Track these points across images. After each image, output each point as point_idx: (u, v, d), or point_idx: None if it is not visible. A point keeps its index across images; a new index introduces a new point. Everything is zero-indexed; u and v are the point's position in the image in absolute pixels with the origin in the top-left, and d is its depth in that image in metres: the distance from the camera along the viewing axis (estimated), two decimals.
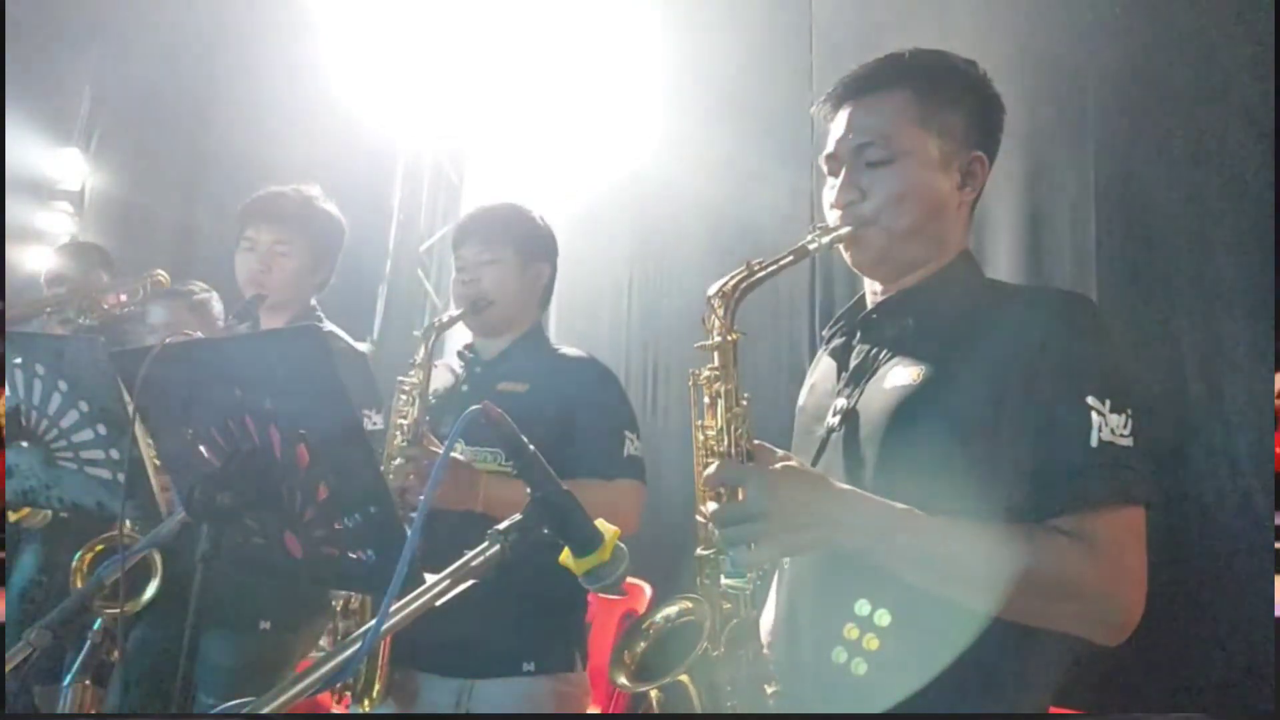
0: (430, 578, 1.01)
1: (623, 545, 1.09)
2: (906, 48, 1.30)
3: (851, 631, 1.20)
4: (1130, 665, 1.94)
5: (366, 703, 1.85)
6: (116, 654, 1.71)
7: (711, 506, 1.12)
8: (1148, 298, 2.08)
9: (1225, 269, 1.96)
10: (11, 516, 2.56)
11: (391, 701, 1.89)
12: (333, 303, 2.39)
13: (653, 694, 1.23)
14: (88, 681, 1.57)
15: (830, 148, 1.32)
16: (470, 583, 1.01)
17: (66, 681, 1.56)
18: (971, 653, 1.12)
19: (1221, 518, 1.90)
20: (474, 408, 1.04)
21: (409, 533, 0.99)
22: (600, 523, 1.08)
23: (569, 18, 4.39)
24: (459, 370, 2.16)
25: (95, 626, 1.69)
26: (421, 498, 1.70)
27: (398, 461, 1.86)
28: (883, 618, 1.19)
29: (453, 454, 1.79)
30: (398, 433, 1.94)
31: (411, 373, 1.99)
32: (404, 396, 1.97)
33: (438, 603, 0.99)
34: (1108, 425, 1.08)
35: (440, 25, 4.93)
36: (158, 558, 2.09)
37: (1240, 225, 1.94)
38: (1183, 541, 1.92)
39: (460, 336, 2.40)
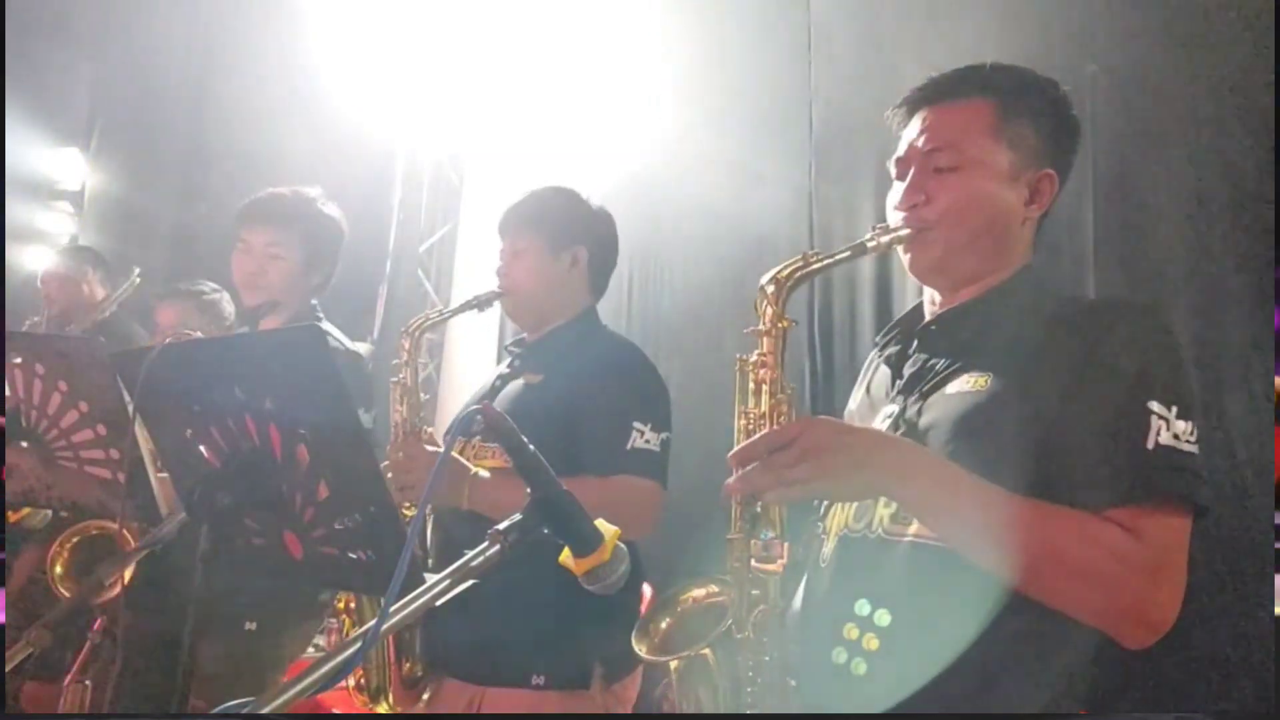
0: (430, 578, 1.01)
1: (623, 546, 1.09)
2: (987, 60, 1.29)
3: (851, 631, 1.20)
4: (1130, 665, 1.94)
5: (385, 704, 1.84)
6: (117, 652, 1.72)
7: (757, 465, 1.08)
8: (1144, 295, 2.08)
9: (1224, 268, 1.96)
10: (11, 516, 2.56)
11: (419, 702, 1.88)
12: (333, 303, 2.39)
13: (672, 665, 1.23)
14: (87, 681, 1.57)
15: (901, 150, 1.32)
16: (470, 583, 1.01)
17: (66, 681, 1.57)
18: (972, 653, 1.12)
19: (1221, 517, 1.89)
20: (472, 407, 1.04)
21: (409, 533, 0.99)
22: (600, 523, 1.08)
23: (568, 18, 4.39)
24: (503, 365, 2.10)
25: (95, 626, 1.70)
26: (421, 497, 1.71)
27: (385, 463, 1.85)
28: (883, 618, 1.19)
29: (454, 450, 1.80)
30: (398, 433, 1.94)
31: (401, 373, 1.97)
32: (396, 395, 1.96)
33: (437, 603, 0.99)
34: (1169, 430, 1.08)
35: (440, 25, 4.93)
36: (132, 541, 2.10)
37: (1239, 224, 1.94)
38: None
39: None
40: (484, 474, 1.77)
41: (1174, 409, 1.09)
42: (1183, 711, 1.88)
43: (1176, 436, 1.08)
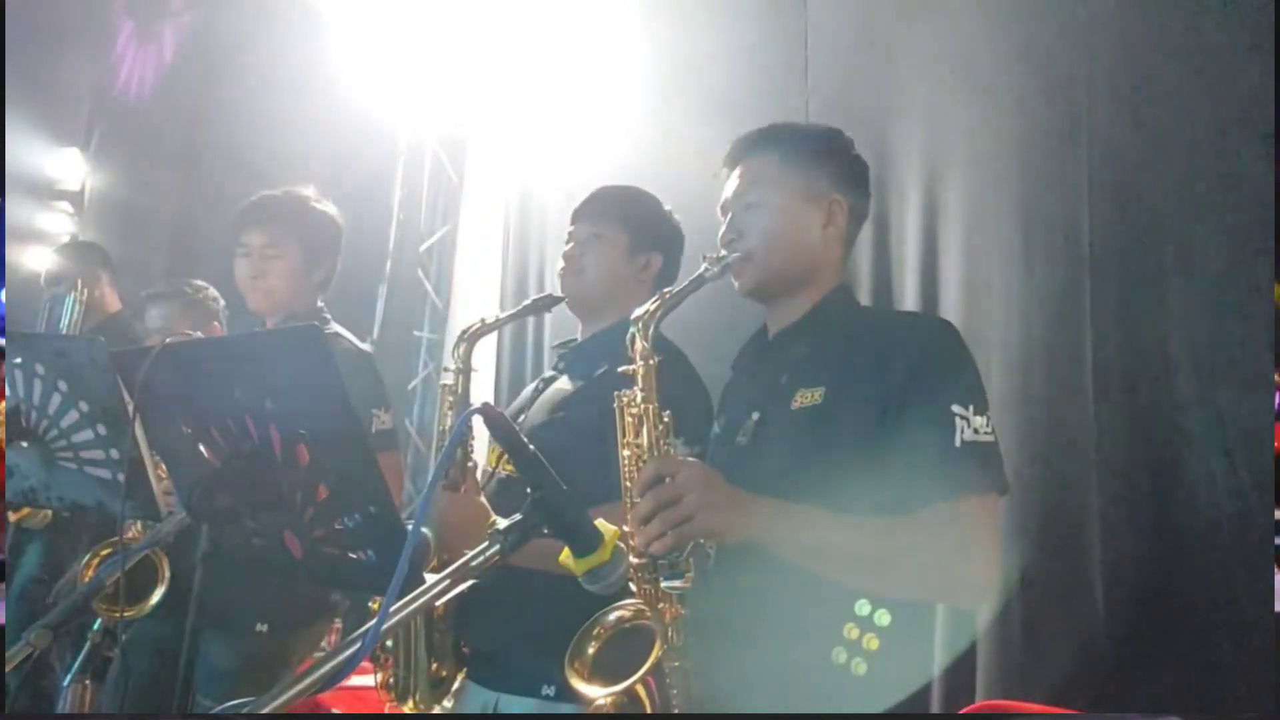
0: (430, 578, 1.02)
1: (623, 546, 1.09)
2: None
3: (851, 631, 1.23)
4: (1129, 665, 1.94)
5: (411, 704, 1.83)
6: (116, 652, 1.72)
7: (641, 502, 1.24)
8: (1142, 296, 2.08)
9: (1222, 267, 1.96)
10: (11, 516, 2.57)
11: (446, 702, 1.87)
12: (333, 303, 2.39)
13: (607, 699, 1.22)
14: (88, 681, 1.57)
15: (722, 198, 1.55)
16: (470, 583, 1.01)
17: (66, 681, 1.57)
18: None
19: (1220, 517, 1.89)
20: (472, 408, 1.05)
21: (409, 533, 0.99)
22: (600, 523, 1.08)
23: (567, 18, 4.39)
24: (549, 369, 2.05)
25: (95, 626, 1.70)
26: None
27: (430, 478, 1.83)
28: (883, 618, 1.23)
29: (475, 498, 1.78)
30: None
31: (448, 377, 1.89)
32: (448, 400, 1.88)
33: (438, 603, 0.99)
34: (971, 427, 1.25)
35: (440, 25, 4.93)
36: (165, 563, 2.09)
37: (1238, 223, 1.94)
38: (1181, 541, 1.92)
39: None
40: (502, 521, 1.74)
41: (971, 408, 1.26)
42: (1182, 711, 1.88)
43: (977, 431, 1.25)
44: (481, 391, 2.25)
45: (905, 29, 2.73)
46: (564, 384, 1.92)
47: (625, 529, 1.26)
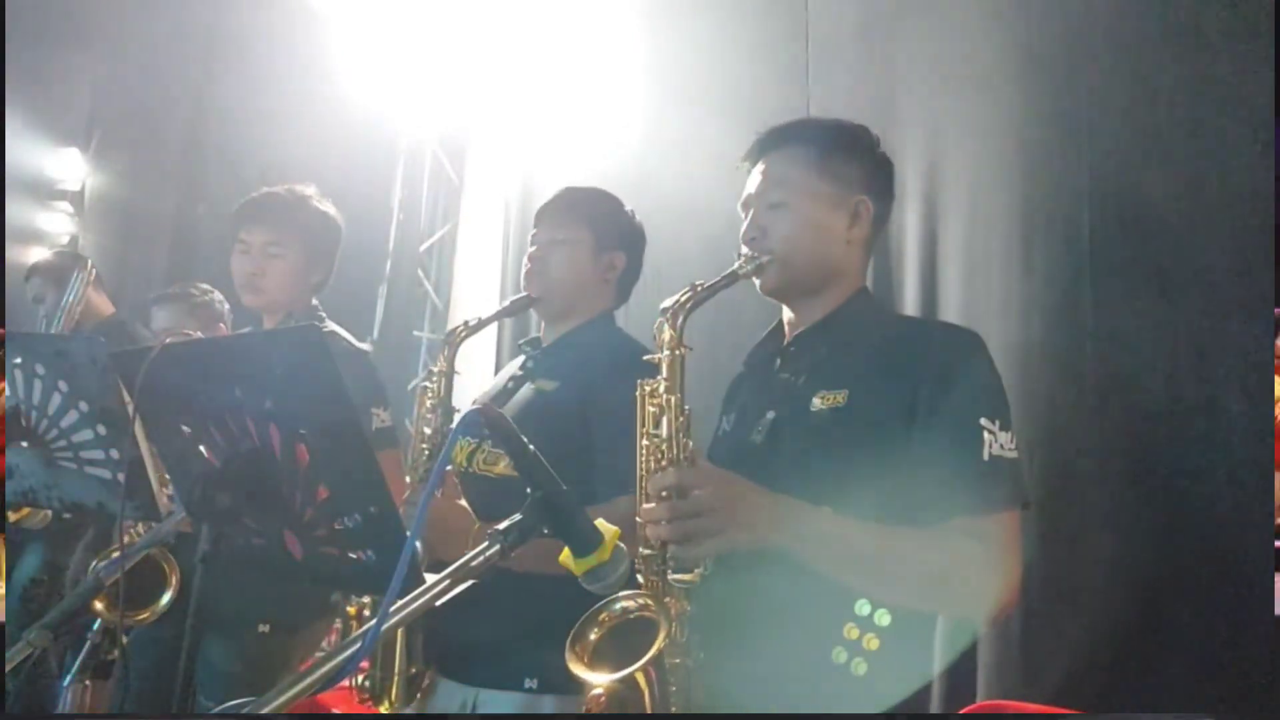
0: (430, 578, 1.02)
1: (623, 545, 1.09)
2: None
3: (851, 631, 1.23)
4: (1130, 665, 1.94)
5: (386, 704, 1.83)
6: (117, 653, 1.72)
7: (655, 507, 1.21)
8: (1143, 295, 2.07)
9: (1222, 266, 1.96)
10: (11, 516, 2.57)
11: (414, 702, 1.87)
12: (333, 303, 2.39)
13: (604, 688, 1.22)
14: (87, 681, 1.57)
15: (745, 194, 1.53)
16: (470, 583, 1.01)
17: (66, 681, 1.57)
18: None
19: (1220, 517, 1.89)
20: (472, 409, 1.05)
21: (409, 533, 0.99)
22: (600, 522, 1.08)
23: (567, 21, 4.39)
24: (516, 366, 2.06)
25: (95, 626, 1.70)
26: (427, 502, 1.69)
27: (408, 493, 1.80)
28: (883, 618, 1.23)
29: (457, 501, 1.78)
30: (425, 446, 1.87)
31: (433, 380, 1.91)
32: (428, 403, 1.89)
33: (437, 603, 0.99)
34: (998, 442, 1.25)
35: (440, 26, 4.93)
36: (174, 569, 2.09)
37: (1237, 222, 1.94)
38: (1182, 541, 1.92)
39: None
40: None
41: (997, 422, 1.26)
42: (1183, 712, 1.88)
43: (1003, 447, 1.25)
44: (477, 390, 2.25)
45: (905, 29, 2.73)
46: (535, 385, 1.93)
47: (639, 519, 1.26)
